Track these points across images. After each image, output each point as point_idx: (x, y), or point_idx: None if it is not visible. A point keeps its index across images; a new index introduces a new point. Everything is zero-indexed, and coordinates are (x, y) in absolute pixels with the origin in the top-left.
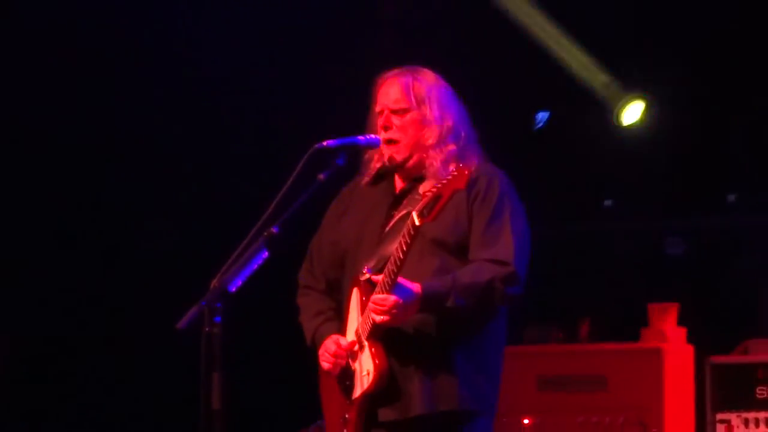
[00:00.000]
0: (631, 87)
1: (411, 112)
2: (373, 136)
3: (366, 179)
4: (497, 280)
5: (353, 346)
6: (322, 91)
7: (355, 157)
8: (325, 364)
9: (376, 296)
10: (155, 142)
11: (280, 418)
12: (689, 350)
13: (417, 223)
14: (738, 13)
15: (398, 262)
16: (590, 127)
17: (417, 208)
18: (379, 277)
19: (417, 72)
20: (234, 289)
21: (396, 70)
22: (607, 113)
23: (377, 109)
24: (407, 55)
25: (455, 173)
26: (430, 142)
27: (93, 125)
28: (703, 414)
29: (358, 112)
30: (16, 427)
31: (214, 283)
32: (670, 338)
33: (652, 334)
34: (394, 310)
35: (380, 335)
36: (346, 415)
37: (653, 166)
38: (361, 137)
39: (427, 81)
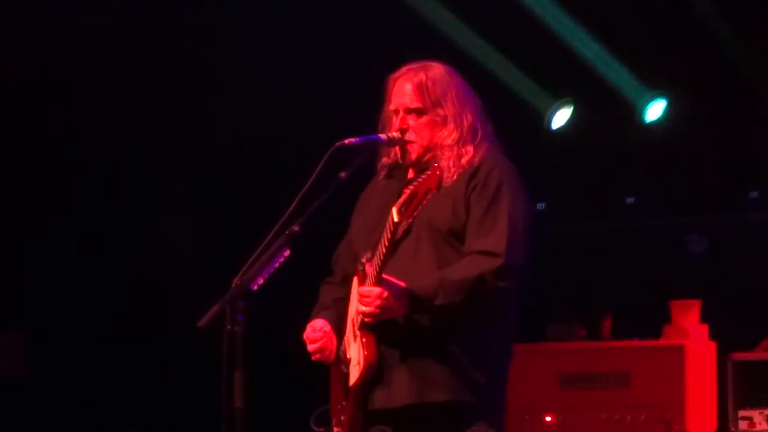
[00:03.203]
0: (654, 84)
1: (427, 113)
2: (393, 133)
3: (382, 174)
4: (488, 274)
5: (326, 327)
6: (339, 89)
7: (376, 155)
8: (310, 347)
9: (362, 288)
10: (172, 140)
11: (300, 415)
12: (711, 347)
13: (396, 219)
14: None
15: (382, 255)
16: (612, 124)
17: (397, 204)
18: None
19: (429, 68)
20: (256, 288)
21: (409, 66)
22: (629, 111)
23: (392, 107)
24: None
25: (429, 173)
26: (448, 142)
27: (109, 125)
28: (726, 411)
29: (372, 110)
30: (37, 424)
31: (236, 281)
32: (693, 335)
33: (675, 331)
34: (378, 301)
35: (372, 326)
36: (344, 402)
37: (675, 164)
38: (382, 135)
39: (443, 78)
